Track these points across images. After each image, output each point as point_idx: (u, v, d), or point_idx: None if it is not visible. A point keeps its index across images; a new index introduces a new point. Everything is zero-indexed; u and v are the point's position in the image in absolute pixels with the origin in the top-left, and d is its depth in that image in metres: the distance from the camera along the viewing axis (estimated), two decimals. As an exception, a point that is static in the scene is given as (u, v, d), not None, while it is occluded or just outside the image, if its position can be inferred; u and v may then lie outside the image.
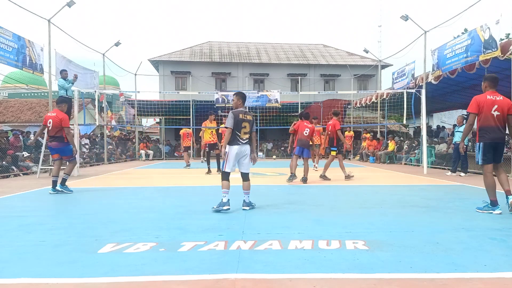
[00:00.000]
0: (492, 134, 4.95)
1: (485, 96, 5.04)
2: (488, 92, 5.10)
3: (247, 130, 5.28)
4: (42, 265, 2.95)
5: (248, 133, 5.31)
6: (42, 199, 6.63)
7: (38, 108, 28.57)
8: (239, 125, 5.20)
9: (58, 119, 7.05)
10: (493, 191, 4.98)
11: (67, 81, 10.95)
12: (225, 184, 5.18)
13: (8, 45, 10.58)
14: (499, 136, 4.99)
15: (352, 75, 24.60)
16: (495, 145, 5.02)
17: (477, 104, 5.00)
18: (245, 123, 5.26)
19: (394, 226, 4.28)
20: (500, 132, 4.98)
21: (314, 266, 2.88)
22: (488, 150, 5.01)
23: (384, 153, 17.22)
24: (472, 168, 11.20)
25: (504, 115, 4.95)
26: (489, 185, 5.01)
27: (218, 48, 31.11)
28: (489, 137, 4.97)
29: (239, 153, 5.24)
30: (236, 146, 5.21)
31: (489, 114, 4.93)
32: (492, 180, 5.03)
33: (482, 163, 5.09)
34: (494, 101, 4.96)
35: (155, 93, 33.08)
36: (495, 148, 5.04)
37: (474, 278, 2.65)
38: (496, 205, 4.94)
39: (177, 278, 2.67)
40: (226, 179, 5.21)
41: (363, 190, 7.62)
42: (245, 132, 5.26)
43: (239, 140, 5.22)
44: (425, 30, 13.78)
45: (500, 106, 4.94)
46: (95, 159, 16.72)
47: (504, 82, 11.54)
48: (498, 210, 4.91)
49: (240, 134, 5.22)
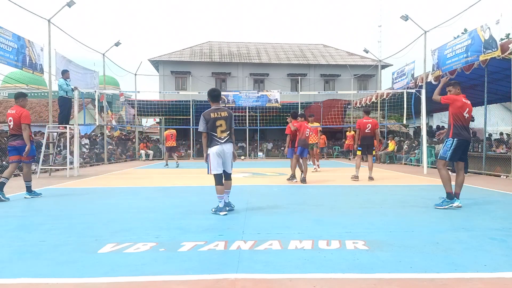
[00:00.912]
0: (466, 133, 5.40)
1: (461, 98, 5.47)
2: (463, 96, 5.52)
3: (224, 128, 4.98)
4: (42, 265, 2.95)
5: (226, 130, 5.00)
6: (42, 199, 6.63)
7: (38, 108, 28.58)
8: (213, 125, 4.96)
9: (17, 116, 6.47)
10: (450, 184, 5.32)
11: (67, 82, 10.97)
12: (219, 189, 5.00)
13: (8, 45, 10.58)
14: (470, 136, 5.51)
15: (352, 75, 24.60)
16: (466, 143, 5.44)
17: (452, 99, 5.42)
18: (220, 121, 4.98)
19: (394, 226, 4.28)
20: (470, 133, 5.53)
21: (314, 266, 2.88)
22: (459, 148, 5.36)
23: (384, 153, 17.23)
24: (472, 168, 11.20)
25: (469, 118, 5.50)
26: (446, 178, 5.34)
27: (218, 48, 31.11)
28: (464, 136, 5.36)
29: (221, 153, 4.98)
30: (216, 147, 4.96)
31: (464, 115, 5.40)
32: (447, 174, 5.39)
33: (449, 159, 5.40)
34: (468, 104, 5.45)
35: (155, 93, 33.11)
36: (465, 147, 5.46)
37: (474, 278, 2.65)
38: (454, 197, 5.28)
39: (177, 278, 2.67)
40: (219, 183, 5.01)
41: (363, 190, 7.62)
42: (222, 130, 4.98)
43: (217, 141, 4.97)
44: (425, 30, 13.78)
45: (470, 110, 5.45)
46: (95, 159, 16.72)
47: (504, 82, 11.58)
48: (456, 202, 5.24)
49: (217, 134, 4.97)
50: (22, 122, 6.44)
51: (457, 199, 5.35)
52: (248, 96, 19.85)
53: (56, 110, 12.23)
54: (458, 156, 5.40)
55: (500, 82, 12.05)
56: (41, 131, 15.53)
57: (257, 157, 22.21)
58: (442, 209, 5.18)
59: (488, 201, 6.10)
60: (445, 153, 5.39)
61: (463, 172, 5.58)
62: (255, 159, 20.89)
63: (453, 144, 5.32)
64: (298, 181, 8.66)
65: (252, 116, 21.23)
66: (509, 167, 9.77)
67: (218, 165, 4.98)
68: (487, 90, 10.91)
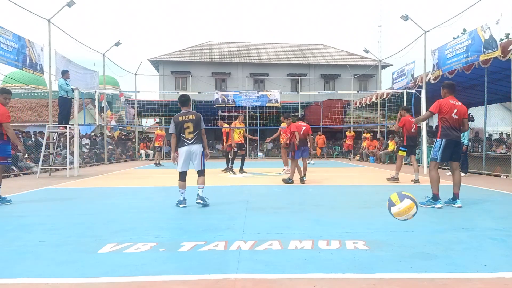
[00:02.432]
0: (453, 133, 5.46)
1: (447, 101, 5.53)
2: (450, 98, 5.57)
3: (191, 129, 5.48)
4: (42, 265, 2.95)
5: (193, 132, 5.49)
6: (42, 199, 6.64)
7: (38, 108, 28.59)
8: (181, 127, 5.47)
9: None
10: (437, 185, 5.42)
11: (67, 82, 10.97)
12: (180, 184, 5.56)
13: (9, 45, 10.58)
14: (458, 135, 5.54)
15: (352, 75, 24.60)
16: (455, 143, 5.51)
17: (439, 106, 5.49)
18: (187, 123, 5.48)
19: (394, 226, 4.27)
20: (459, 133, 5.53)
21: (314, 266, 2.88)
22: (448, 148, 5.44)
23: (384, 153, 17.22)
24: (472, 168, 11.20)
25: (460, 119, 5.51)
26: (435, 179, 5.45)
27: (218, 48, 31.12)
28: (452, 136, 5.45)
29: (189, 153, 5.50)
30: (184, 148, 5.49)
31: (452, 117, 5.45)
32: (438, 175, 5.49)
33: (439, 159, 5.49)
34: (455, 105, 5.49)
35: (155, 93, 33.08)
36: (455, 147, 5.51)
37: (474, 278, 2.65)
38: (438, 199, 5.37)
39: (177, 278, 2.67)
40: (181, 180, 5.55)
41: (363, 190, 7.62)
42: (189, 132, 5.47)
43: (185, 141, 5.49)
44: (425, 30, 13.78)
45: (459, 111, 5.49)
46: (95, 159, 16.72)
47: (504, 82, 11.58)
48: (439, 204, 5.34)
49: (185, 135, 5.47)
50: (1, 122, 5.91)
51: (457, 199, 5.41)
52: (248, 96, 19.84)
53: (56, 110, 12.23)
54: (448, 156, 5.51)
55: (500, 82, 12.05)
56: (42, 131, 15.53)
57: (257, 157, 22.20)
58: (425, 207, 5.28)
59: (488, 201, 6.11)
60: (435, 154, 5.52)
61: (459, 172, 5.64)
62: (255, 159, 20.88)
63: (441, 144, 5.45)
64: (298, 180, 8.65)
65: (252, 116, 21.22)
66: (509, 167, 9.77)
67: (183, 165, 5.55)
68: (487, 90, 10.91)
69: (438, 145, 5.47)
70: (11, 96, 6.36)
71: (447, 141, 5.42)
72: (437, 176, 5.47)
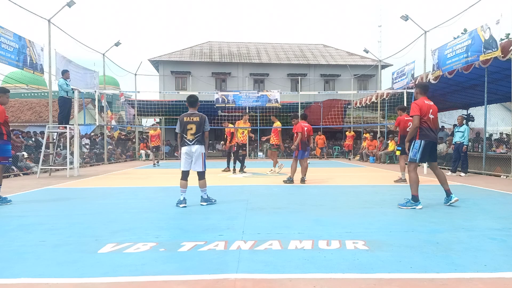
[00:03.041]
0: (432, 134, 5.52)
1: (423, 101, 5.56)
2: (423, 98, 5.63)
3: (193, 131, 5.62)
4: (42, 265, 2.95)
5: (195, 134, 5.62)
6: (42, 199, 6.64)
7: (38, 108, 28.60)
8: (185, 128, 5.65)
9: None
10: (417, 187, 5.45)
11: (68, 82, 10.96)
12: (181, 183, 5.66)
13: (9, 45, 10.58)
14: (436, 136, 5.63)
15: (352, 75, 24.60)
16: (433, 144, 5.58)
17: (419, 108, 5.48)
18: (191, 125, 5.63)
19: (394, 226, 4.28)
20: (436, 134, 5.64)
21: (314, 266, 2.88)
22: (427, 149, 5.49)
23: (384, 153, 17.22)
24: (472, 168, 11.21)
25: (436, 119, 5.61)
26: (415, 181, 5.49)
27: (218, 48, 31.11)
28: (430, 137, 5.49)
29: (189, 153, 5.63)
30: (185, 147, 5.65)
31: (429, 117, 5.50)
32: (417, 177, 5.54)
33: (419, 160, 5.52)
34: (430, 106, 5.55)
35: (155, 93, 33.10)
36: (432, 148, 5.58)
37: (474, 278, 2.65)
38: (418, 200, 5.39)
39: (177, 278, 2.67)
40: (183, 179, 5.67)
41: (363, 190, 7.62)
42: (191, 133, 5.62)
43: (186, 142, 5.65)
44: (425, 30, 13.78)
45: (434, 111, 5.56)
46: (95, 159, 16.72)
47: (504, 82, 11.58)
48: (420, 205, 5.35)
49: (187, 136, 5.64)
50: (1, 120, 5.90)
51: (451, 194, 5.49)
52: (248, 96, 19.86)
53: (56, 110, 12.23)
54: (426, 157, 5.57)
55: (500, 82, 12.05)
56: (42, 131, 15.52)
57: (257, 157, 22.20)
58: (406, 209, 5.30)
59: (488, 201, 6.11)
60: (415, 155, 5.55)
61: (440, 170, 5.70)
62: (255, 159, 20.88)
63: (420, 145, 5.47)
64: (298, 180, 8.65)
65: (252, 116, 21.23)
66: (509, 167, 9.77)
67: (185, 164, 5.65)
68: (487, 90, 10.91)
69: (418, 146, 5.49)
70: (7, 94, 6.29)
71: (426, 142, 5.46)
72: (416, 177, 5.52)
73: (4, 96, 6.15)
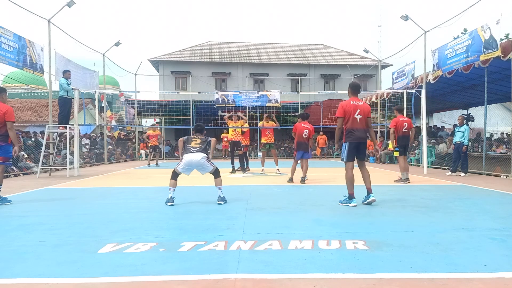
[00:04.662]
0: (356, 134, 5.63)
1: (349, 102, 5.70)
2: (352, 98, 5.75)
3: (198, 142, 6.00)
4: (42, 265, 2.95)
5: (199, 144, 5.96)
6: (42, 199, 6.64)
7: (38, 108, 28.60)
8: (190, 139, 6.08)
9: (1, 113, 5.80)
10: (352, 185, 5.65)
11: (69, 82, 10.97)
12: (170, 183, 5.83)
13: (9, 45, 10.58)
14: (362, 136, 5.72)
15: (352, 75, 24.60)
16: (358, 144, 5.70)
17: (343, 109, 5.66)
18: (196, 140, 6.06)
19: (394, 226, 4.28)
20: (363, 133, 5.72)
21: (314, 266, 2.88)
22: (353, 149, 5.67)
23: (384, 153, 17.22)
24: (472, 168, 11.20)
25: (365, 118, 5.69)
26: (350, 179, 5.67)
27: (218, 48, 31.11)
28: (354, 138, 5.64)
29: (192, 160, 5.83)
30: (186, 155, 5.88)
31: (354, 118, 5.61)
32: (352, 176, 5.69)
33: (347, 160, 5.72)
34: (357, 106, 5.66)
35: (155, 93, 33.08)
36: (358, 147, 5.72)
37: (474, 278, 2.65)
38: (353, 198, 5.59)
39: (177, 278, 2.67)
40: (172, 178, 5.83)
41: (363, 190, 7.60)
42: (196, 143, 5.98)
43: (189, 149, 5.93)
44: (425, 30, 13.77)
45: (362, 111, 5.65)
46: (95, 159, 16.72)
47: (504, 82, 11.57)
48: (353, 202, 5.55)
49: (191, 145, 5.98)
50: (6, 120, 5.84)
51: (371, 193, 5.65)
52: (248, 96, 19.82)
53: (56, 110, 12.23)
54: (353, 156, 5.73)
55: (500, 82, 12.04)
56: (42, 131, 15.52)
57: (257, 157, 22.19)
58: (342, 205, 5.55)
59: (488, 201, 6.10)
60: (342, 155, 5.81)
61: (366, 169, 5.83)
62: (255, 159, 20.88)
63: (346, 147, 5.70)
64: (298, 180, 8.64)
65: (252, 116, 21.22)
66: (509, 167, 9.77)
67: (184, 167, 5.85)
68: (487, 90, 10.91)
69: (344, 147, 5.74)
70: (6, 93, 6.27)
71: (350, 144, 5.66)
72: (350, 176, 5.67)
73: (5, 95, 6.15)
